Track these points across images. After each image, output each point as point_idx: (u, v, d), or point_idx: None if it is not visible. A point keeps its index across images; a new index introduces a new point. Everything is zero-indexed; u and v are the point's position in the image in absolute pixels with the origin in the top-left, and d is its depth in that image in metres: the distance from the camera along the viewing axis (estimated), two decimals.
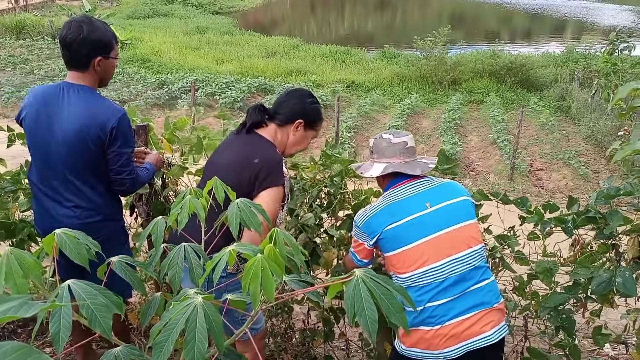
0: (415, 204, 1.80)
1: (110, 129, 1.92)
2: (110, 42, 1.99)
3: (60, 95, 1.94)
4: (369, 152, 1.97)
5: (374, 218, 1.81)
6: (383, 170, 1.85)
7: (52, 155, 1.96)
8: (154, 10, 27.45)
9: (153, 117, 10.77)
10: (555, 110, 12.17)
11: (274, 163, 1.86)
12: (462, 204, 1.83)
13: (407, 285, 1.73)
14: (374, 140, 1.94)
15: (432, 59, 14.58)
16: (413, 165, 1.87)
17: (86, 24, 1.91)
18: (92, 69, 1.96)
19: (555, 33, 27.63)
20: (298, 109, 1.97)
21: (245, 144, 1.94)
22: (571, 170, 8.50)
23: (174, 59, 16.27)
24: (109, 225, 2.08)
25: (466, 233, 1.78)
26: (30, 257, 0.94)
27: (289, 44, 19.86)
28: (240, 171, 1.83)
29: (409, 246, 1.75)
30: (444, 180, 1.91)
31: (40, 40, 18.34)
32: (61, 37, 1.92)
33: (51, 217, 2.03)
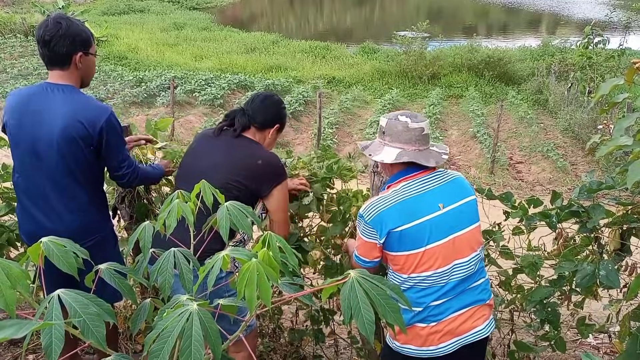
0: (429, 204, 1.69)
1: (99, 128, 1.87)
2: (89, 38, 1.95)
3: (44, 96, 1.89)
4: (378, 131, 1.80)
5: (386, 214, 1.67)
6: (396, 158, 1.70)
7: (38, 158, 1.90)
8: (129, 6, 26.98)
9: (132, 115, 10.61)
10: (533, 103, 12.37)
11: (275, 161, 1.99)
12: (471, 204, 1.77)
13: (408, 285, 1.70)
14: (387, 121, 1.75)
15: (412, 54, 14.68)
16: (427, 155, 1.73)
17: (64, 19, 1.88)
18: (73, 66, 1.91)
19: (531, 27, 28.06)
20: (275, 114, 2.08)
21: (238, 146, 1.99)
22: (550, 162, 8.65)
23: (152, 56, 16.04)
24: (99, 229, 2.04)
25: (472, 237, 1.74)
26: (17, 267, 0.91)
27: (269, 39, 19.77)
28: (244, 173, 1.91)
29: (418, 250, 1.67)
30: (454, 175, 1.81)
31: (12, 38, 17.87)
32: (39, 35, 1.87)
33: (37, 221, 1.98)
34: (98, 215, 2.05)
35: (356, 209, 2.28)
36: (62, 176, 1.92)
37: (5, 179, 2.69)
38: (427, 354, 1.71)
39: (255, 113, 2.03)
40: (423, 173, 1.75)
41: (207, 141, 2.07)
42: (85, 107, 1.89)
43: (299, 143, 10.36)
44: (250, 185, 1.91)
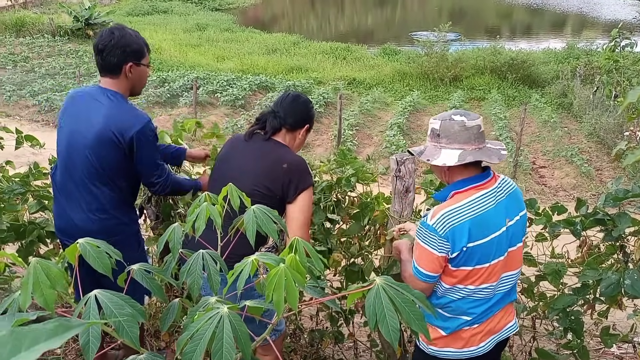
0: (498, 219, 1.64)
1: (131, 135, 1.94)
2: (141, 49, 2.03)
3: (89, 99, 2.00)
4: (430, 135, 1.70)
5: (460, 229, 1.59)
6: (459, 159, 1.60)
7: (73, 155, 2.01)
8: (153, 7, 27.38)
9: (155, 115, 10.77)
10: (557, 107, 12.17)
11: (301, 165, 1.97)
12: (524, 218, 1.76)
13: (459, 296, 1.68)
14: (441, 123, 1.66)
15: (433, 56, 14.57)
16: (488, 153, 1.65)
17: (118, 30, 1.98)
18: (123, 75, 2.00)
19: (556, 28, 27.58)
20: (305, 114, 2.08)
21: (266, 150, 2.00)
22: (574, 167, 8.51)
23: (175, 57, 16.26)
24: (123, 229, 2.10)
25: (520, 251, 1.76)
26: (55, 268, 0.95)
27: (290, 40, 19.83)
28: (271, 178, 1.91)
29: (483, 266, 1.63)
30: (514, 186, 1.76)
31: (40, 38, 18.31)
32: (94, 44, 2.00)
33: (67, 218, 2.07)
34: (121, 217, 2.10)
35: (379, 213, 2.30)
36: (89, 177, 2.00)
37: (36, 177, 2.78)
38: (468, 354, 1.74)
39: (286, 114, 2.03)
40: (491, 181, 1.68)
41: (238, 146, 2.07)
42: (121, 116, 1.96)
43: (318, 144, 10.39)
44: (276, 190, 1.91)
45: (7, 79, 13.22)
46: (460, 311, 1.70)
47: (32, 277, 0.92)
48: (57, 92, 12.05)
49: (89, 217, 2.04)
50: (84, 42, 18.37)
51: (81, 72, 12.77)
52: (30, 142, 2.89)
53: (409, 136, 10.49)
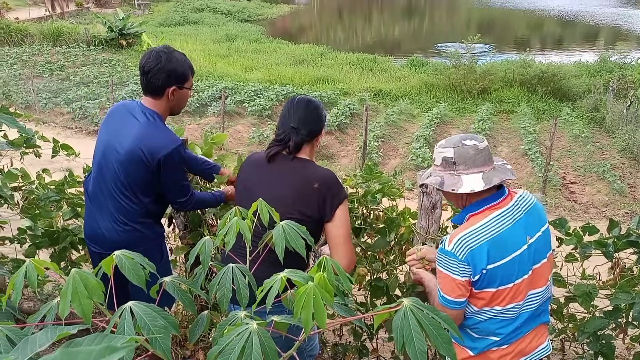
0: (518, 238, 1.62)
1: (159, 157, 1.99)
2: (186, 73, 2.08)
3: (129, 114, 2.06)
4: (443, 164, 1.68)
5: (479, 251, 1.58)
6: (485, 182, 1.60)
7: (105, 167, 2.08)
8: (184, 18, 28.03)
9: (184, 124, 10.98)
10: (588, 121, 11.90)
11: (332, 179, 1.87)
12: (547, 233, 1.71)
13: (488, 316, 1.66)
14: (455, 150, 1.64)
15: (461, 68, 14.47)
16: (503, 170, 1.65)
17: (165, 54, 2.02)
18: (165, 97, 2.06)
19: (588, 41, 27.06)
20: (320, 121, 1.98)
21: (294, 172, 1.89)
22: (606, 184, 8.29)
23: (204, 67, 16.57)
24: (146, 242, 2.16)
25: (548, 266, 1.72)
26: (93, 279, 0.99)
27: (317, 51, 20.01)
28: (305, 202, 1.81)
29: (506, 286, 1.62)
30: (533, 201, 1.72)
31: (75, 47, 18.94)
32: (141, 63, 2.04)
33: (96, 225, 2.14)
34: (144, 230, 2.15)
35: (404, 229, 2.29)
36: (117, 190, 2.07)
37: (71, 185, 2.87)
38: None
39: (302, 126, 1.91)
40: (507, 200, 1.66)
41: (262, 170, 1.94)
42: (153, 137, 2.01)
43: (344, 155, 10.41)
44: (312, 213, 1.82)
45: (43, 86, 13.70)
46: (488, 332, 1.69)
47: (70, 287, 0.96)
48: (90, 100, 12.43)
49: (114, 227, 2.10)
50: (117, 52, 18.93)
51: (114, 80, 13.13)
52: (66, 151, 2.99)
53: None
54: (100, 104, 12.11)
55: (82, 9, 31.86)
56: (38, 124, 10.33)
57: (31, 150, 2.92)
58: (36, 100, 12.17)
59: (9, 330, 0.88)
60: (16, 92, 13.01)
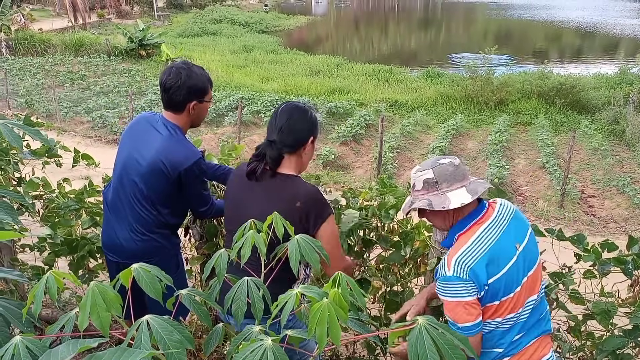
0: (508, 247, 1.64)
1: (180, 170, 2.04)
2: (205, 87, 2.12)
3: (151, 127, 2.11)
4: (425, 187, 1.70)
5: (478, 267, 1.59)
6: (472, 194, 1.64)
7: (125, 177, 2.13)
8: (203, 29, 28.46)
9: (201, 133, 11.10)
10: (608, 134, 11.73)
11: (315, 196, 1.79)
12: (532, 236, 1.73)
13: (490, 329, 1.66)
14: (434, 170, 1.68)
15: (478, 79, 14.40)
16: (478, 182, 1.70)
17: (184, 70, 2.06)
18: (186, 112, 2.10)
19: (608, 52, 26.76)
20: (305, 129, 1.84)
21: (276, 190, 1.81)
22: (625, 198, 8.14)
23: (222, 77, 16.76)
24: (163, 252, 2.19)
25: (539, 271, 1.73)
26: (111, 292, 1.01)
27: (333, 62, 20.13)
28: (289, 221, 1.60)
29: (507, 297, 1.63)
30: (509, 208, 1.74)
31: (96, 57, 19.34)
32: (161, 80, 2.09)
33: (114, 234, 2.19)
34: (161, 240, 2.18)
35: (419, 243, 2.28)
36: (135, 200, 2.11)
37: (90, 194, 2.92)
38: None
39: (283, 137, 1.80)
40: (490, 212, 1.69)
41: (247, 187, 1.87)
42: (174, 150, 2.05)
43: (359, 166, 10.40)
44: (296, 231, 1.63)
45: (64, 96, 14.00)
46: (491, 344, 1.70)
47: (90, 300, 0.98)
48: (109, 110, 12.65)
49: (132, 236, 2.14)
50: (137, 62, 19.27)
51: (133, 90, 13.35)
52: (86, 160, 3.05)
53: None
54: (119, 113, 12.32)
55: (104, 20, 32.60)
56: (59, 133, 10.53)
57: (52, 160, 2.99)
58: (57, 109, 12.43)
59: (29, 342, 0.90)
60: (38, 101, 13.31)
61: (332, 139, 11.22)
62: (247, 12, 38.52)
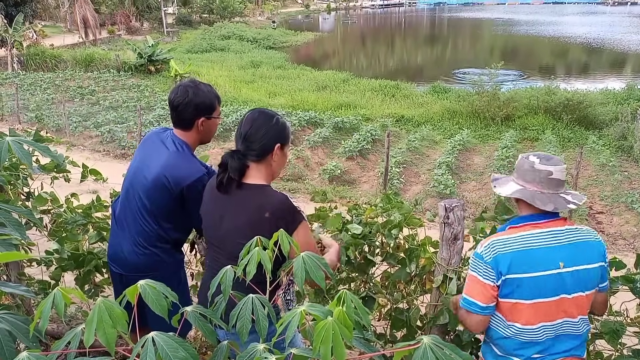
0: (549, 260, 1.65)
1: (180, 189, 2.06)
2: (213, 104, 2.16)
3: (160, 143, 2.16)
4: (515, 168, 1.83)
5: (503, 258, 1.66)
6: (512, 193, 1.73)
7: (132, 191, 2.17)
8: (211, 45, 28.81)
9: (208, 148, 11.16)
10: (616, 150, 11.67)
11: (284, 205, 1.73)
12: (596, 271, 1.71)
13: (509, 334, 1.70)
14: (520, 159, 1.79)
15: (484, 95, 14.43)
16: (546, 199, 1.69)
17: (191, 87, 2.10)
18: (195, 128, 2.14)
19: (615, 68, 26.76)
20: (270, 136, 1.77)
21: (243, 201, 1.75)
22: (634, 214, 8.07)
23: (229, 92, 16.92)
24: (164, 267, 2.21)
25: (584, 301, 1.71)
26: (118, 308, 1.01)
27: (339, 77, 20.27)
28: (259, 232, 1.51)
29: (524, 301, 1.66)
30: (584, 236, 1.73)
31: (106, 72, 19.61)
32: (170, 99, 2.13)
33: (119, 247, 2.22)
34: (162, 255, 2.19)
35: (425, 260, 2.27)
36: (140, 214, 2.14)
37: (98, 209, 2.95)
38: None
39: (247, 144, 1.76)
40: (552, 224, 1.70)
41: (218, 198, 1.83)
42: (178, 167, 2.08)
43: (365, 181, 10.40)
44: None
45: (74, 110, 14.17)
46: (509, 351, 1.73)
47: (96, 316, 0.99)
48: (118, 124, 12.78)
49: (134, 249, 2.17)
50: (146, 77, 19.51)
51: (142, 105, 13.49)
52: (94, 176, 3.08)
53: (457, 175, 10.33)
54: (127, 128, 12.43)
55: (114, 36, 33.12)
56: (68, 148, 10.63)
57: (61, 175, 3.02)
58: (67, 123, 12.57)
59: (36, 358, 0.91)
60: (48, 116, 13.47)
61: (338, 154, 11.25)
62: (255, 29, 38.98)
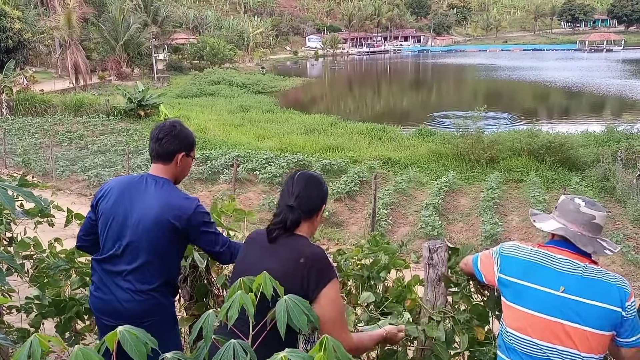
0: (551, 279, 1.73)
1: (187, 218, 2.09)
2: (194, 142, 2.26)
3: (142, 185, 2.16)
4: (555, 207, 1.94)
5: (512, 260, 1.83)
6: (555, 230, 1.82)
7: (124, 238, 2.11)
8: (201, 90, 29.29)
9: (196, 191, 11.16)
10: (599, 190, 11.87)
11: (321, 256, 1.78)
12: (607, 313, 1.67)
13: (508, 341, 1.81)
14: (563, 198, 1.90)
15: (469, 137, 14.73)
16: (587, 241, 1.76)
17: (178, 124, 2.22)
18: (174, 163, 2.19)
19: (595, 111, 27.59)
20: (320, 198, 1.93)
21: (286, 249, 1.83)
22: (620, 255, 8.13)
23: (218, 136, 17.07)
24: (163, 310, 2.16)
25: (585, 337, 1.68)
26: (95, 356, 1.00)
27: (327, 121, 20.63)
28: (291, 279, 1.71)
29: (518, 307, 1.78)
30: (603, 277, 1.72)
31: (95, 117, 19.74)
32: (154, 133, 2.19)
33: (112, 297, 2.14)
34: (162, 299, 2.16)
35: (410, 302, 2.27)
36: (141, 260, 2.09)
37: (81, 254, 2.90)
38: None
39: (302, 203, 1.86)
40: (572, 256, 1.75)
41: (261, 247, 1.89)
42: (176, 199, 2.12)
43: (353, 223, 10.41)
44: (297, 290, 1.61)
45: (62, 155, 14.14)
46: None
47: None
48: (106, 168, 12.76)
49: (133, 297, 2.10)
50: (135, 121, 19.65)
51: (130, 149, 13.53)
52: (79, 220, 3.06)
53: (444, 216, 10.39)
54: (115, 172, 12.42)
55: (104, 81, 33.54)
56: (53, 193, 10.56)
57: (45, 219, 2.99)
58: (54, 168, 12.53)
59: None
60: (35, 160, 13.43)
61: None
62: (244, 74, 39.82)
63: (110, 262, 2.15)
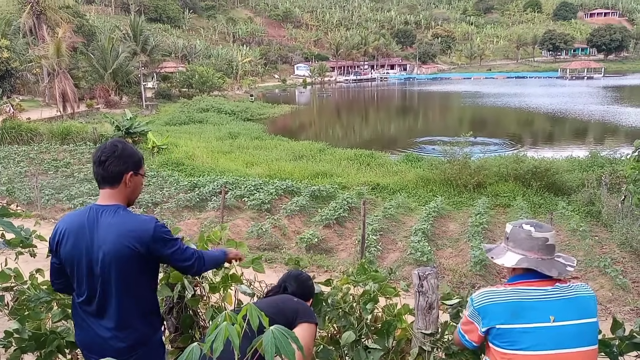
0: (539, 313, 1.73)
1: (148, 239, 1.99)
2: (140, 159, 2.15)
3: (94, 218, 2.03)
4: (503, 237, 1.94)
5: (493, 307, 1.77)
6: (517, 263, 1.82)
7: (93, 277, 2.02)
8: (190, 117, 29.37)
9: (183, 219, 11.04)
10: (585, 215, 11.98)
11: (308, 306, 2.24)
12: (591, 326, 1.76)
13: None
14: (512, 228, 1.90)
15: (456, 163, 14.87)
16: (549, 265, 1.80)
17: (120, 142, 2.10)
18: (122, 184, 2.07)
19: (578, 136, 28.11)
20: (310, 292, 2.41)
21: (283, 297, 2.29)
22: (608, 279, 8.15)
23: (206, 163, 17.02)
24: (150, 339, 2.10)
25: (586, 358, 1.73)
26: None
27: (316, 147, 20.71)
28: (284, 307, 2.16)
29: (517, 352, 1.72)
30: (578, 292, 1.80)
31: (82, 145, 19.60)
32: (96, 156, 2.08)
33: (96, 336, 2.07)
34: (145, 329, 2.10)
35: (401, 331, 2.23)
36: (114, 295, 2.02)
37: None
38: None
39: (296, 288, 2.34)
40: (544, 283, 1.79)
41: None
42: (132, 223, 2.01)
43: (342, 249, 10.33)
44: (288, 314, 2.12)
45: (47, 183, 13.96)
46: None
47: None
48: (92, 196, 12.59)
49: (117, 334, 2.03)
50: None
51: None
52: None
53: (434, 242, 10.37)
54: None
55: (92, 109, 33.53)
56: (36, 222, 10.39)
57: (27, 250, 2.92)
58: (39, 196, 12.34)
59: None
60: (20, 189, 13.23)
61: (315, 222, 11.23)
62: (233, 102, 40.07)
63: (87, 304, 2.08)
